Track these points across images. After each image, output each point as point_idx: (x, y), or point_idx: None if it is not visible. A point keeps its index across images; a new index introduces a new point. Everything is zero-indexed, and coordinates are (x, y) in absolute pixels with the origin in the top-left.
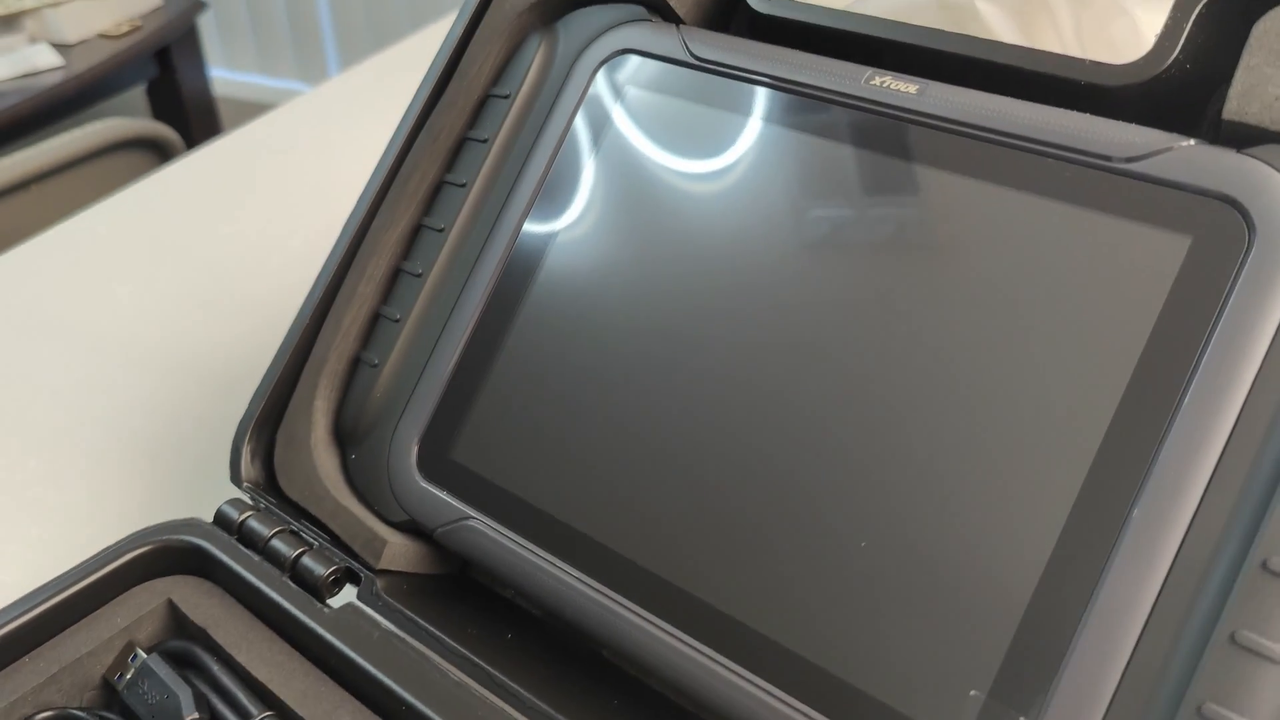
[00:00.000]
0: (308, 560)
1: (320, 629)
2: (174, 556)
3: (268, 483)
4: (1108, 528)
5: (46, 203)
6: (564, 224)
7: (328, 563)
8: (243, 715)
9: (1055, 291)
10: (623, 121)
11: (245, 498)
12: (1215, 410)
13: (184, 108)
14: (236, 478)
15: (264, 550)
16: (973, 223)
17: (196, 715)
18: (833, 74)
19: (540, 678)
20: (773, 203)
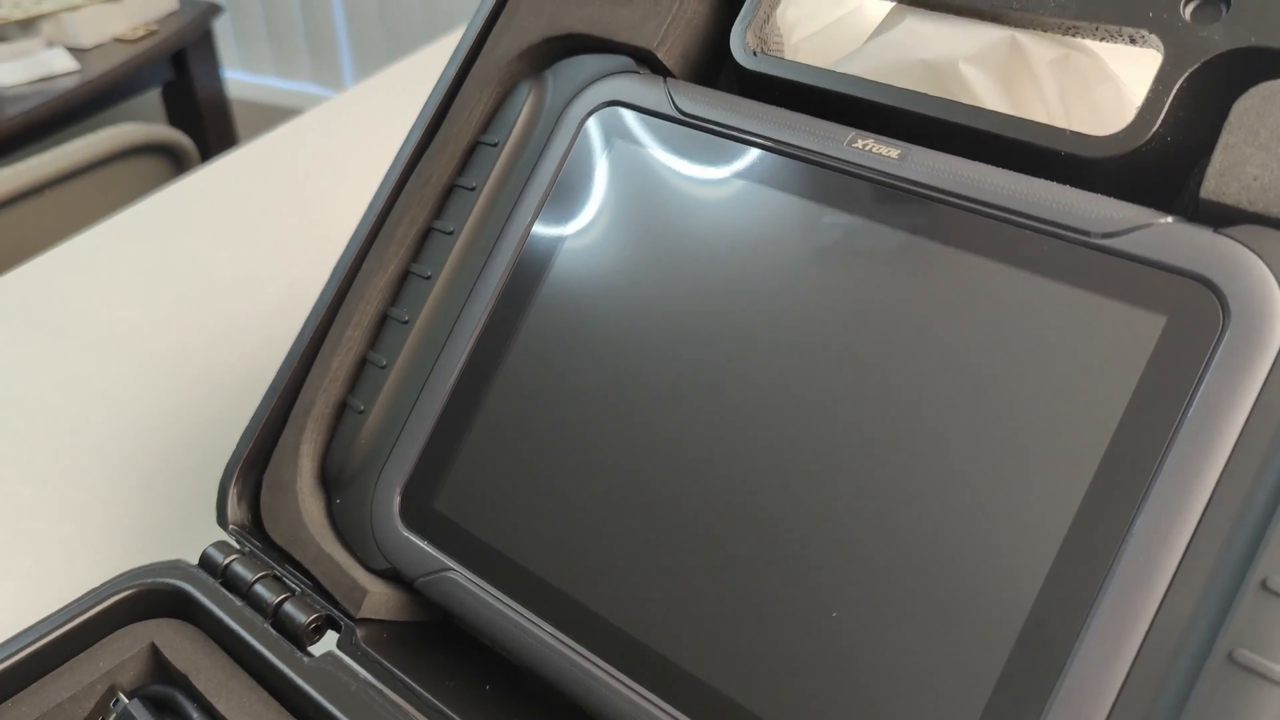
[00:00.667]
0: (289, 607)
1: (299, 680)
2: (158, 599)
3: (253, 525)
4: (1082, 601)
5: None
6: (550, 276)
7: (309, 610)
8: None
9: (1029, 364)
10: (608, 174)
11: (231, 540)
12: (1184, 495)
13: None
14: (222, 520)
15: (247, 595)
16: (950, 292)
17: None
18: (816, 135)
19: None
20: (755, 263)
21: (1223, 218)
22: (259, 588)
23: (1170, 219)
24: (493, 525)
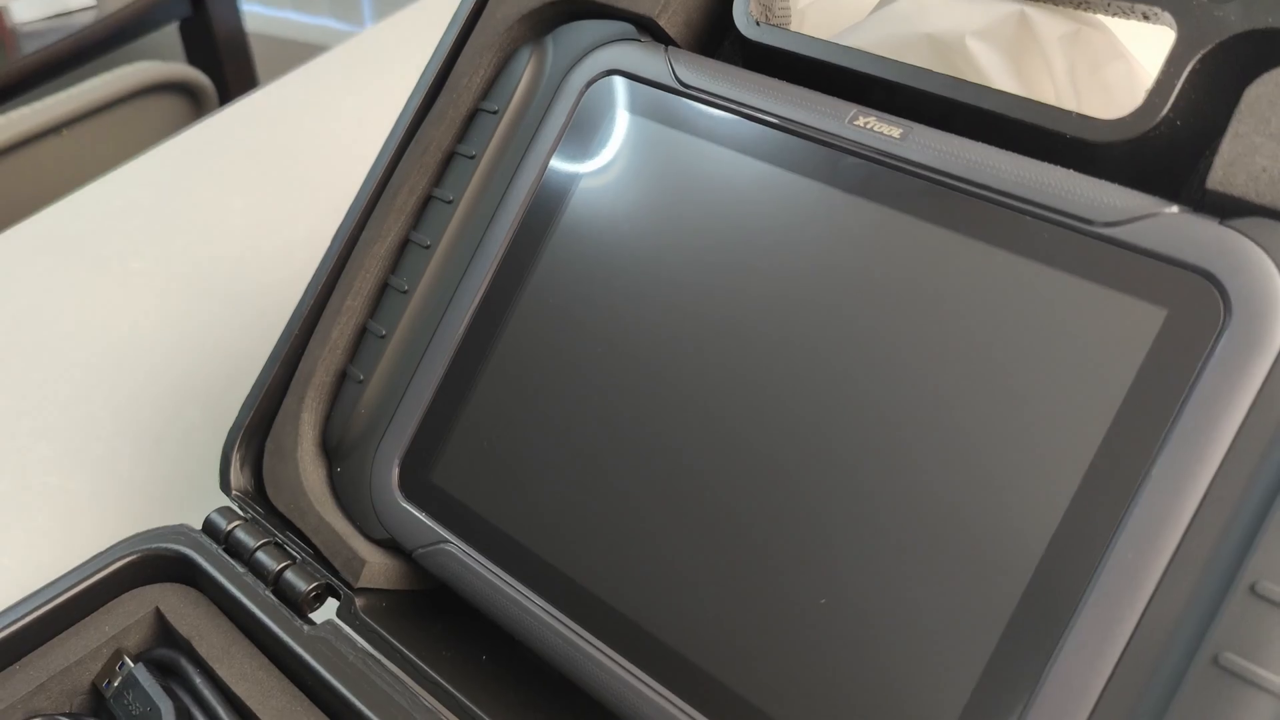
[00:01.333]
0: (290, 575)
1: (298, 648)
2: (163, 564)
3: (256, 490)
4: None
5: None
6: (548, 246)
7: (310, 579)
8: None
9: (1027, 353)
10: (608, 145)
11: (235, 506)
12: (1177, 493)
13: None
14: (225, 486)
15: (249, 562)
16: (949, 276)
17: None
18: (817, 111)
19: (509, 704)
20: (754, 242)
21: (1229, 209)
22: (261, 555)
23: (1175, 209)
24: (488, 499)
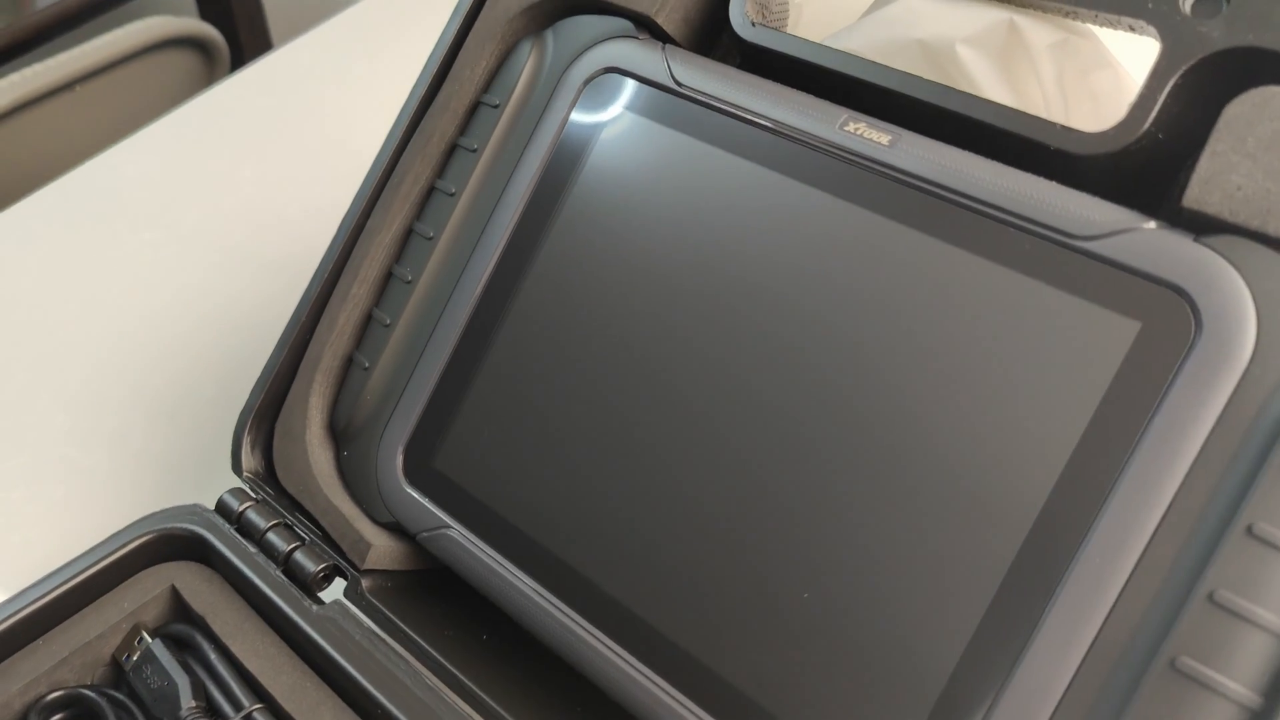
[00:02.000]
0: (300, 556)
1: (307, 627)
2: (178, 543)
3: (267, 471)
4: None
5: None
6: (548, 243)
7: (318, 560)
8: (235, 705)
9: (1004, 361)
10: (606, 141)
11: (246, 488)
12: (1143, 504)
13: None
14: (237, 467)
15: (260, 542)
16: (930, 283)
17: (194, 704)
18: (808, 115)
19: (508, 682)
20: (747, 241)
21: (1205, 226)
22: (271, 536)
23: (1153, 224)
24: (489, 486)
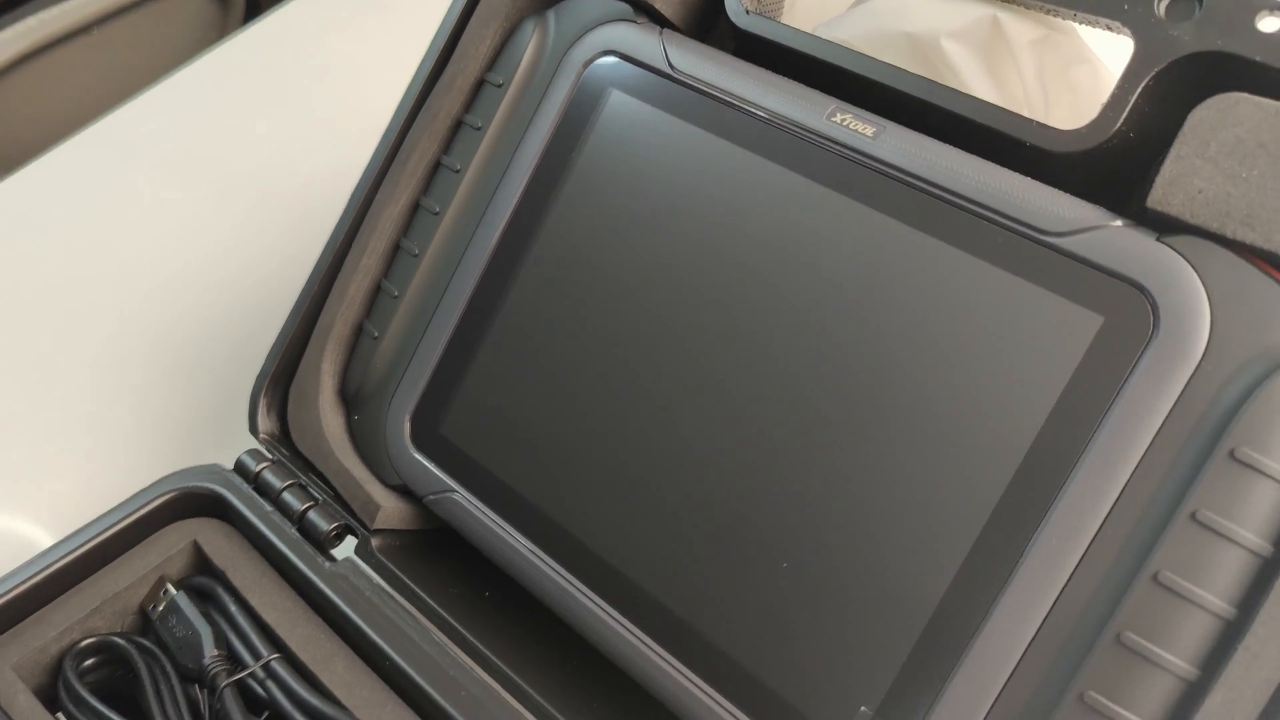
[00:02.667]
0: (313, 515)
1: (320, 583)
2: (199, 501)
3: (283, 433)
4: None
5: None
6: (550, 219)
7: (330, 519)
8: (254, 654)
9: (973, 348)
10: (604, 122)
11: (263, 449)
12: (1098, 490)
13: None
14: (254, 429)
15: (276, 501)
16: (906, 270)
17: (216, 652)
18: (798, 104)
19: (509, 637)
20: (736, 222)
21: (1167, 226)
22: (286, 495)
23: (1119, 223)
24: (493, 452)
